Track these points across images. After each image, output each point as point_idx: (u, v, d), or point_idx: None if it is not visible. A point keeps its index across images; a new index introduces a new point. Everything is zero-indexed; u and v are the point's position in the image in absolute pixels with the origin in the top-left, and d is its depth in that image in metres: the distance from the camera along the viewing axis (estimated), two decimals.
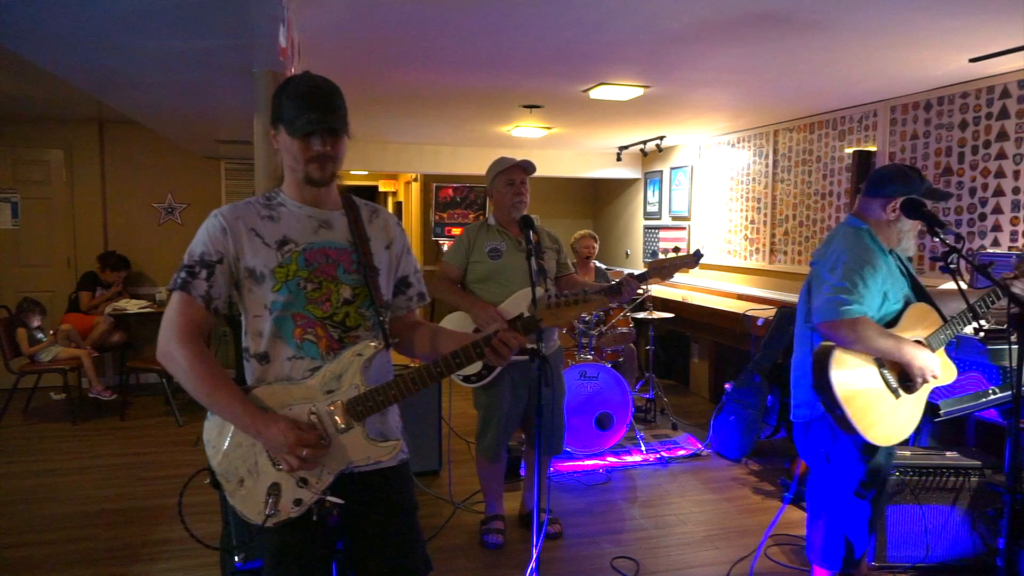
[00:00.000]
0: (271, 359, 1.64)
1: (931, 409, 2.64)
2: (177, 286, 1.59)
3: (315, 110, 1.56)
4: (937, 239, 2.30)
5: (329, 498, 1.61)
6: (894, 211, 2.45)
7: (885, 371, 2.38)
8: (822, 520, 2.60)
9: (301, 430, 1.54)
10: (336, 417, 1.61)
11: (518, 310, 3.28)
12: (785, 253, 5.67)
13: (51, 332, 5.78)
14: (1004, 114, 3.87)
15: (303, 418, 1.59)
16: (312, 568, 1.68)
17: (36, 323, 5.64)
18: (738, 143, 6.25)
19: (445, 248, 3.63)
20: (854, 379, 2.33)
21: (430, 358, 1.71)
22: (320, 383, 1.62)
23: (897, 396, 2.42)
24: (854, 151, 4.80)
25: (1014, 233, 3.84)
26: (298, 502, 1.60)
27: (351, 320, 1.68)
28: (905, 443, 2.59)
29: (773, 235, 5.81)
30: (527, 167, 3.36)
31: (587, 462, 4.63)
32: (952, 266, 2.24)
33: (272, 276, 1.62)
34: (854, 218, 2.53)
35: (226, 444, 1.62)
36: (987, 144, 3.98)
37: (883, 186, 2.47)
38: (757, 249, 6.01)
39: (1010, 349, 2.48)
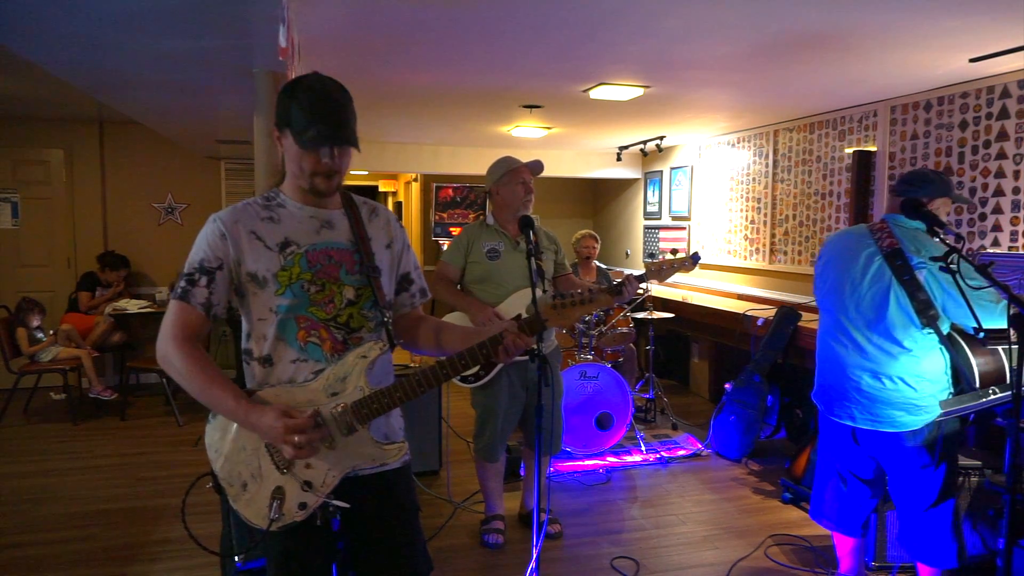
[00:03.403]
0: (274, 362, 1.63)
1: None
2: (178, 296, 1.58)
3: (326, 123, 1.52)
4: (937, 239, 2.31)
5: (334, 502, 1.60)
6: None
7: None
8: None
9: (292, 416, 1.51)
10: (341, 420, 1.59)
11: (516, 311, 3.28)
12: (785, 253, 5.67)
13: (51, 332, 5.78)
14: (1004, 114, 3.87)
15: None
16: (315, 571, 1.67)
17: (36, 323, 5.65)
18: (738, 143, 6.24)
19: (445, 248, 3.63)
20: None
21: (434, 353, 1.69)
22: (324, 386, 1.60)
23: None
24: (854, 151, 4.80)
25: (1014, 233, 3.84)
26: (303, 506, 1.59)
27: (354, 321, 1.67)
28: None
29: (773, 235, 5.81)
30: (536, 168, 3.38)
31: (587, 462, 4.63)
32: (952, 266, 2.23)
33: (275, 280, 1.61)
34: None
35: (228, 448, 1.60)
36: (987, 144, 3.98)
37: (920, 187, 2.52)
38: (757, 249, 6.01)
39: (1010, 349, 2.48)
